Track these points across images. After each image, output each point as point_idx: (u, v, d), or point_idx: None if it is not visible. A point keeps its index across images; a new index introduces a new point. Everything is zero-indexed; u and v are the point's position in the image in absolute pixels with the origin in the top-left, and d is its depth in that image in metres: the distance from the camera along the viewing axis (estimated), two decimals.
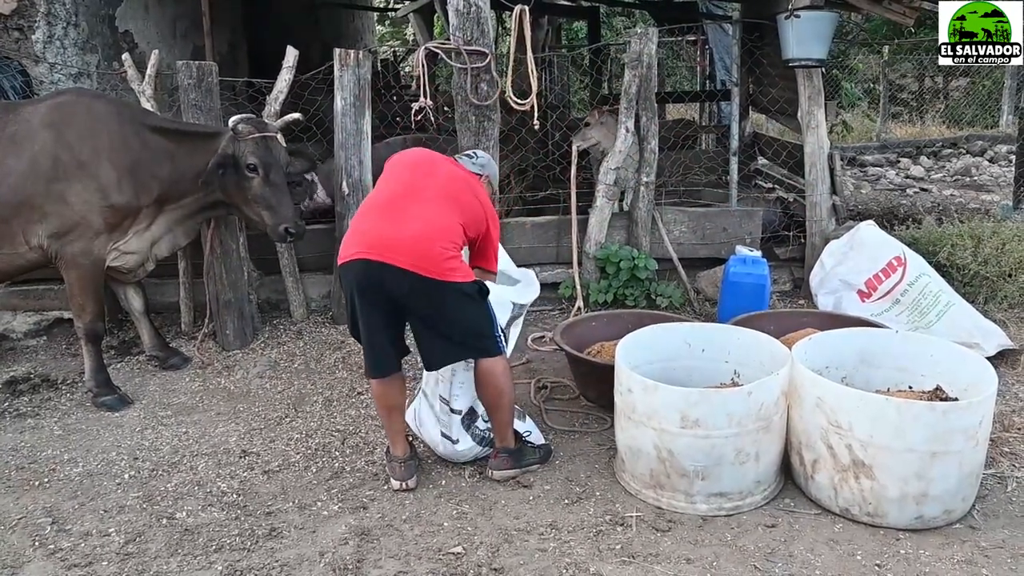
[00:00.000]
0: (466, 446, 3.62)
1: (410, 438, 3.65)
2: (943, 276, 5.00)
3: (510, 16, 5.14)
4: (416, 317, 3.36)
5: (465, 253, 3.48)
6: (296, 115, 4.77)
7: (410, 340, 3.56)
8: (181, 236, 4.71)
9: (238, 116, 4.41)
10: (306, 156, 4.94)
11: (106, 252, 4.31)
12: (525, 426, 3.76)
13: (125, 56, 5.37)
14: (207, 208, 4.63)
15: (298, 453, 3.81)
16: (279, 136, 4.59)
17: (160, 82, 5.34)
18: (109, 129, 4.25)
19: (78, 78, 5.62)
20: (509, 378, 3.48)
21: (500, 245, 3.78)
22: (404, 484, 3.46)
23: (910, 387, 3.58)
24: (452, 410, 3.61)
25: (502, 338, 3.50)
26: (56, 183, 4.13)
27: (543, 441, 3.76)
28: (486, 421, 3.63)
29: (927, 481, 3.00)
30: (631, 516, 3.21)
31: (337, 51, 5.12)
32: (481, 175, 3.70)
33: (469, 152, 3.87)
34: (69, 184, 4.14)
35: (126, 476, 3.64)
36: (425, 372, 3.67)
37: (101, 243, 4.26)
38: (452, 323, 3.31)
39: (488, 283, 3.46)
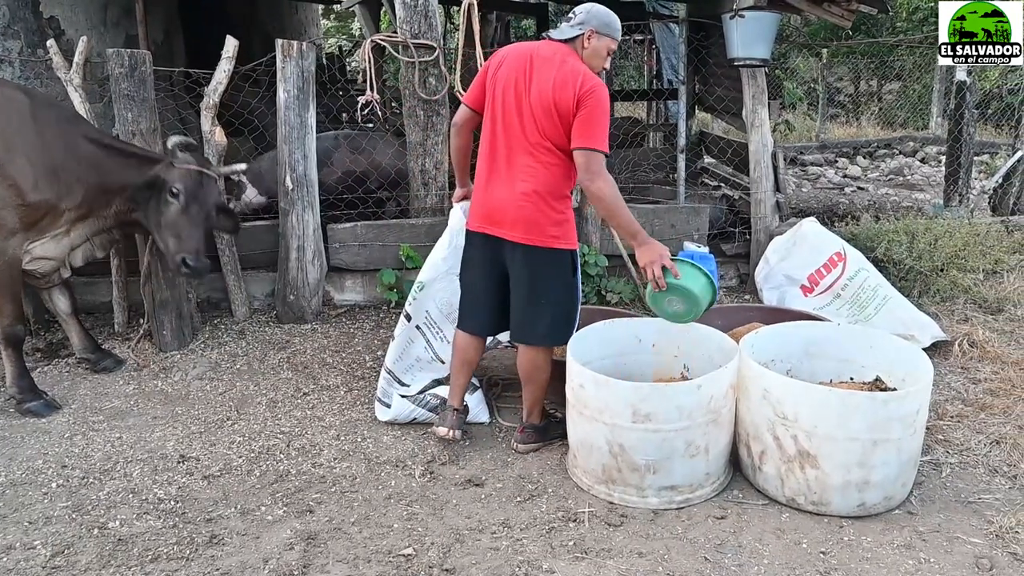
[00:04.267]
0: (396, 409, 3.90)
1: (379, 414, 3.88)
2: (880, 271, 5.15)
3: (458, 11, 5.10)
4: (516, 286, 3.48)
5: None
6: (242, 166, 4.71)
7: None
8: (98, 247, 4.51)
9: (179, 138, 4.27)
10: (235, 219, 4.76)
11: (22, 252, 4.08)
12: (473, 400, 3.90)
13: (51, 43, 5.10)
14: (126, 225, 4.46)
15: (240, 457, 3.70)
16: (219, 182, 4.45)
17: (89, 71, 5.11)
18: (25, 123, 4.02)
19: None
20: (550, 359, 3.62)
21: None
22: (452, 432, 3.62)
23: (852, 378, 3.67)
24: (400, 383, 3.93)
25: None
26: None
27: (487, 417, 3.96)
28: (434, 388, 3.90)
29: (869, 469, 3.06)
30: (583, 512, 3.19)
31: (280, 42, 5.00)
32: (581, 33, 3.37)
33: (567, 16, 3.47)
34: None
35: (53, 485, 3.46)
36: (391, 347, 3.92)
37: (16, 243, 4.04)
38: (546, 297, 3.45)
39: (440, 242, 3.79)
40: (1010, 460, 3.57)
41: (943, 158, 9.51)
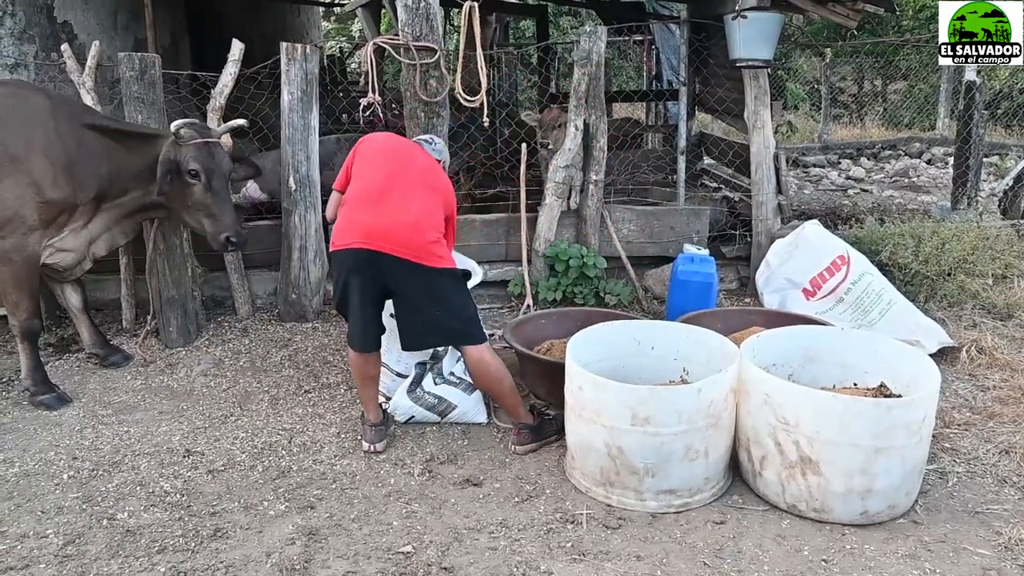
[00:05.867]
0: (397, 403, 3.96)
1: (383, 406, 3.89)
2: (885, 275, 5.09)
3: (458, 13, 5.12)
4: (402, 300, 3.59)
5: None
6: (241, 121, 4.71)
7: None
8: (119, 235, 4.59)
9: (181, 120, 4.32)
10: (249, 162, 4.86)
11: (41, 248, 4.17)
12: (471, 400, 4.00)
13: (64, 47, 5.20)
14: (146, 208, 4.53)
15: (244, 452, 3.74)
16: (223, 140, 4.50)
17: (101, 74, 5.20)
18: (45, 123, 4.12)
19: (15, 69, 5.46)
20: (500, 363, 3.70)
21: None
22: (373, 446, 3.73)
23: (855, 384, 3.65)
24: (397, 374, 4.05)
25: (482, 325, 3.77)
26: None
27: (484, 418, 4.02)
28: (432, 387, 3.97)
29: (872, 476, 3.05)
30: (581, 514, 3.21)
31: (284, 45, 5.06)
32: (439, 160, 3.97)
33: (426, 138, 4.11)
34: (0, 179, 4.00)
35: (65, 476, 3.53)
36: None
37: (35, 239, 4.13)
38: (438, 306, 3.56)
39: None
40: (1019, 470, 3.52)
41: (950, 159, 9.47)
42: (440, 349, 4.06)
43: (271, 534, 3.10)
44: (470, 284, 3.93)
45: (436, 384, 4.00)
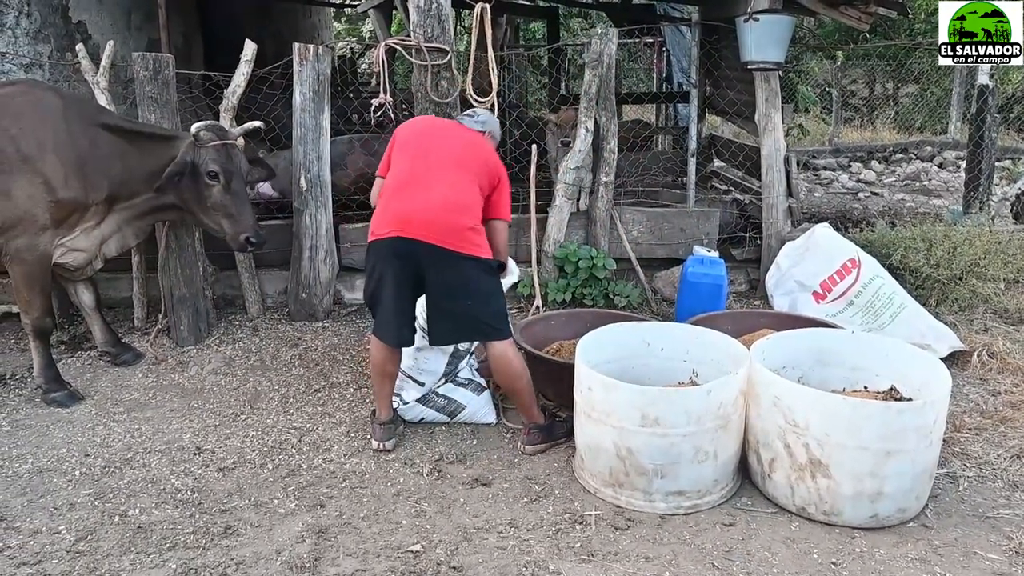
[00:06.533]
0: (408, 406, 3.96)
1: (394, 406, 3.87)
2: (896, 279, 5.09)
3: (469, 14, 5.13)
4: (433, 289, 3.55)
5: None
6: (257, 123, 4.73)
7: None
8: (131, 236, 4.61)
9: (200, 123, 4.34)
10: (264, 164, 4.88)
11: (52, 248, 4.20)
12: (480, 401, 4.02)
13: (79, 47, 5.23)
14: (159, 210, 4.55)
15: (254, 450, 3.76)
16: (239, 142, 4.52)
17: (114, 74, 5.23)
18: (57, 123, 4.14)
19: (30, 68, 5.51)
20: (521, 360, 3.68)
21: None
22: (382, 445, 3.72)
23: (865, 387, 3.65)
24: (416, 381, 3.99)
25: (510, 320, 3.74)
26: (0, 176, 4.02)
27: (493, 419, 4.04)
28: (445, 396, 3.98)
29: (882, 479, 3.05)
30: (590, 514, 3.22)
31: (297, 45, 5.08)
32: (483, 132, 3.87)
33: (469, 112, 4.05)
34: (13, 178, 4.03)
35: (77, 473, 3.56)
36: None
37: (47, 238, 4.15)
38: (468, 297, 3.52)
39: None
40: None
41: (962, 163, 9.44)
42: (461, 348, 4.05)
43: (281, 532, 3.12)
44: (505, 284, 3.92)
45: (445, 385, 4.02)
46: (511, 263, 4.16)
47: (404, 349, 3.77)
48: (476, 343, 4.03)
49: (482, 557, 2.96)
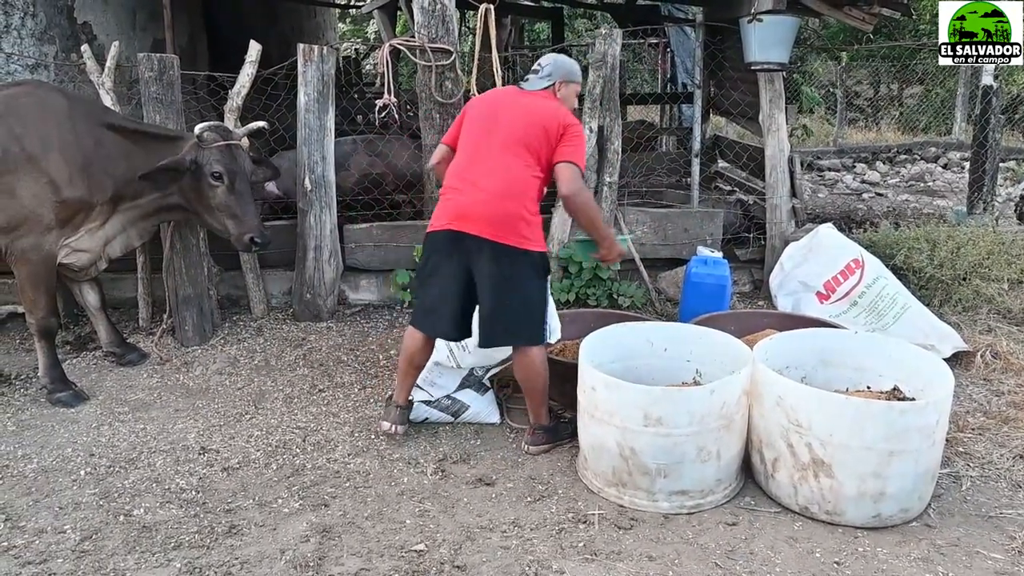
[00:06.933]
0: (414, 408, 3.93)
1: (411, 397, 3.87)
2: (900, 279, 5.07)
3: (474, 15, 5.14)
4: (481, 283, 3.50)
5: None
6: (262, 123, 4.74)
7: None
8: (135, 236, 4.63)
9: (204, 124, 4.36)
10: (269, 164, 4.90)
11: (57, 248, 4.22)
12: (484, 401, 4.02)
13: (84, 47, 5.26)
14: (164, 210, 4.56)
15: (258, 450, 3.77)
16: (244, 142, 4.54)
17: (120, 75, 5.26)
18: (62, 123, 4.15)
19: (35, 69, 5.53)
20: (546, 364, 3.65)
21: None
22: (394, 427, 3.77)
23: (868, 387, 3.65)
24: (425, 391, 3.97)
25: (548, 326, 3.71)
26: (4, 176, 4.03)
27: (497, 418, 4.04)
28: (451, 397, 3.97)
29: (884, 479, 3.05)
30: (593, 514, 3.22)
31: (301, 46, 5.09)
32: (551, 84, 3.71)
33: (534, 68, 3.82)
34: (18, 178, 4.05)
35: (82, 473, 3.57)
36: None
37: (52, 238, 4.17)
38: (515, 292, 3.49)
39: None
40: None
41: (966, 164, 9.42)
42: (478, 371, 4.00)
43: (285, 531, 3.13)
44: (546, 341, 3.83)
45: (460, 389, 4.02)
46: (555, 321, 4.02)
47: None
48: (492, 371, 4.02)
49: (485, 556, 2.97)
